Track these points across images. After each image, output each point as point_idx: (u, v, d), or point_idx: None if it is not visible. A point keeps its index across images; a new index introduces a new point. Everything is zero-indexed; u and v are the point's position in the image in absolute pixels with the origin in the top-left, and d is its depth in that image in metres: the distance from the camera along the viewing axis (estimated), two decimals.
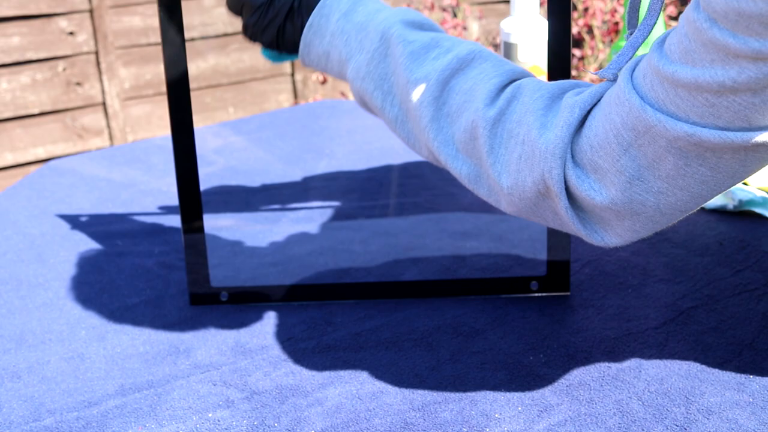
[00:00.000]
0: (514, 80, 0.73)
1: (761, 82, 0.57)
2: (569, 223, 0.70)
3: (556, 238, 0.95)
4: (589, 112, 0.69)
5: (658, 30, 1.20)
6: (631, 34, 0.74)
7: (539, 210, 0.72)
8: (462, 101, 0.71)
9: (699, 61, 0.59)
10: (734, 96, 0.59)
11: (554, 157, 0.68)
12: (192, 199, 0.93)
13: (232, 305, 0.97)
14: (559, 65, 0.89)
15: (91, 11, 2.89)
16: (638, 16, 0.75)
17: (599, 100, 0.69)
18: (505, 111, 0.70)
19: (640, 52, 1.18)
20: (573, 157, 0.68)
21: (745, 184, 1.14)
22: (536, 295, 0.96)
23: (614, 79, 0.69)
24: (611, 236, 0.70)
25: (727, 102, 0.59)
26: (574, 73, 3.20)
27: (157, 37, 2.98)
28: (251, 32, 0.81)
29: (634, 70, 0.67)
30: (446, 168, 0.74)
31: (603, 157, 0.66)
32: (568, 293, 0.96)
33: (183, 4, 2.93)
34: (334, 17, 0.75)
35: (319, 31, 0.75)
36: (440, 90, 0.71)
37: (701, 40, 0.59)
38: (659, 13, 0.69)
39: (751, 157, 0.63)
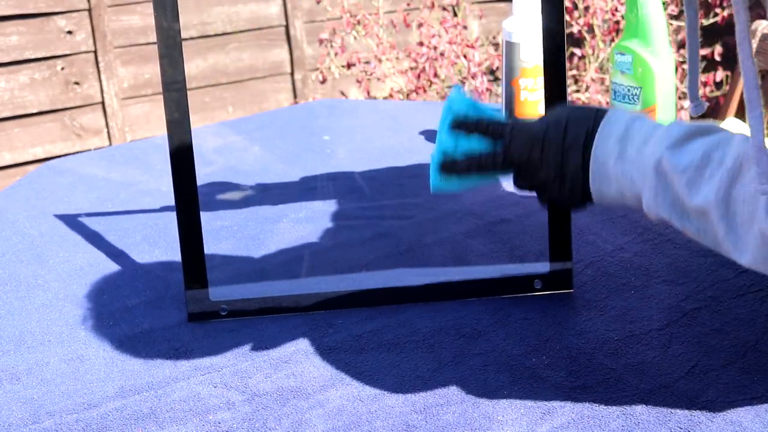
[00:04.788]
0: None
1: None
2: None
3: (558, 235, 0.95)
4: None
5: (660, 30, 1.19)
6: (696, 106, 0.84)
7: None
8: (748, 212, 0.72)
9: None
10: None
11: None
12: (191, 218, 0.94)
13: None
14: (555, 70, 0.89)
15: (89, 10, 2.89)
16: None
17: None
18: None
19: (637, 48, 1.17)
20: None
21: None
22: (539, 294, 0.95)
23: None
24: None
25: None
26: (574, 72, 3.20)
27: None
28: (559, 200, 0.83)
29: None
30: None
31: None
32: (572, 290, 0.96)
33: (182, 3, 2.93)
34: (610, 162, 0.78)
35: (604, 179, 0.79)
36: (725, 207, 0.73)
37: None
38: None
39: None
